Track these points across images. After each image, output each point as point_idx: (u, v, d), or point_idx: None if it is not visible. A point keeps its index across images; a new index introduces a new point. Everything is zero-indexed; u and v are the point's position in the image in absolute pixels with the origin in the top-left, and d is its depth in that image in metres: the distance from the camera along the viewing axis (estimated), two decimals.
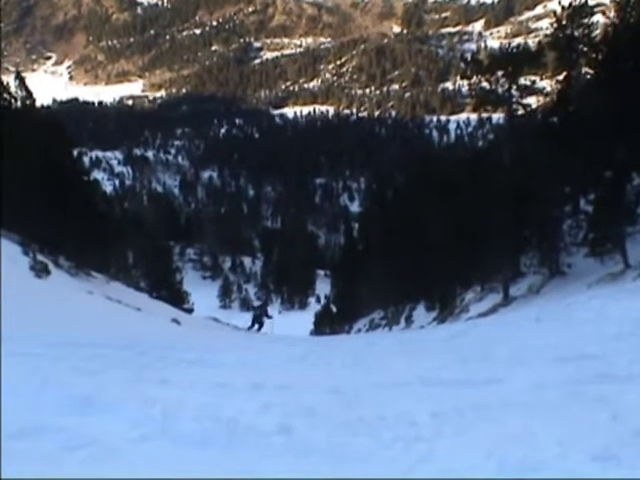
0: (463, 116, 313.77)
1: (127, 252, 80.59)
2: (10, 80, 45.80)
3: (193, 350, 16.34)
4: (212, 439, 6.34)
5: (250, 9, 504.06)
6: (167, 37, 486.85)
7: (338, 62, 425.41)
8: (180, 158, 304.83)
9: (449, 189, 44.52)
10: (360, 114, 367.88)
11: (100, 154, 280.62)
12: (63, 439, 5.96)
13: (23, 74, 50.03)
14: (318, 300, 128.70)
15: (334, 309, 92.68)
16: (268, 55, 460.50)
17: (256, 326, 38.11)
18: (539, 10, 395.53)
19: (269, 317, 37.89)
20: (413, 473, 5.42)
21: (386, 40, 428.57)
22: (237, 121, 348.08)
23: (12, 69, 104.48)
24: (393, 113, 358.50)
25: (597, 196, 31.70)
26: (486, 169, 40.72)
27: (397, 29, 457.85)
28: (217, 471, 5.39)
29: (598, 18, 36.68)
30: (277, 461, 5.75)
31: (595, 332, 14.35)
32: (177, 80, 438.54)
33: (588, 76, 35.66)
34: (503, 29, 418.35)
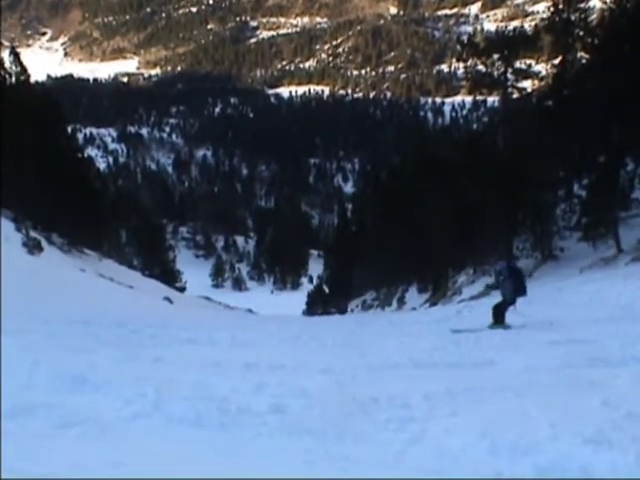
0: (458, 98, 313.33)
1: (120, 230, 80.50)
2: (5, 55, 45.56)
3: (186, 329, 16.35)
4: (205, 418, 6.34)
5: None
6: (163, 15, 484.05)
7: (334, 42, 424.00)
8: (174, 136, 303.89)
9: (443, 171, 44.54)
10: (355, 95, 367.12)
11: (94, 131, 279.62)
12: (56, 417, 5.95)
13: (18, 50, 49.81)
14: (311, 280, 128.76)
15: (327, 289, 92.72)
16: (264, 34, 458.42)
17: None
18: None
19: None
20: (406, 453, 5.43)
21: (382, 21, 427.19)
22: (232, 100, 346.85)
23: (7, 44, 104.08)
24: (388, 94, 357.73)
25: (591, 181, 31.74)
26: (481, 152, 40.70)
27: (393, 10, 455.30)
28: (210, 450, 5.40)
29: (595, 2, 36.50)
30: (270, 441, 5.75)
31: (587, 316, 14.42)
32: (172, 58, 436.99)
33: (584, 60, 35.57)
34: (500, 12, 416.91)
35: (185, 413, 6.43)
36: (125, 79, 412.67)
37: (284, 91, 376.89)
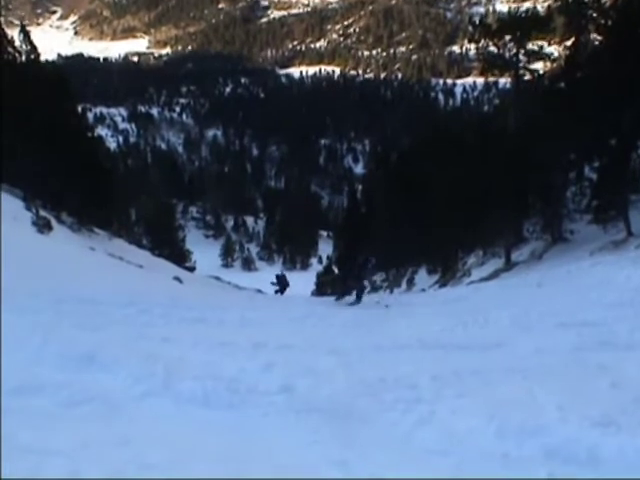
0: (469, 80, 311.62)
1: (130, 209, 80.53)
2: (15, 34, 45.50)
3: (195, 308, 16.34)
4: (214, 398, 6.36)
5: None
6: None
7: (345, 22, 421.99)
8: (185, 116, 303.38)
9: (454, 153, 44.39)
10: (366, 75, 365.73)
11: (104, 110, 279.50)
12: (64, 395, 5.97)
13: (28, 28, 49.71)
14: (320, 261, 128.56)
15: (336, 270, 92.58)
16: (275, 14, 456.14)
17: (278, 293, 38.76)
18: None
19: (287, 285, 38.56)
20: (413, 434, 5.44)
21: (394, 1, 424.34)
22: (242, 80, 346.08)
23: (17, 23, 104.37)
24: (399, 75, 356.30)
25: (602, 164, 31.56)
26: (491, 134, 40.53)
27: None
28: (218, 430, 5.41)
29: None
30: (278, 420, 5.76)
31: (597, 299, 14.36)
32: (183, 37, 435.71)
33: (596, 42, 35.32)
34: None
35: (194, 392, 6.45)
36: (135, 58, 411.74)
37: (295, 71, 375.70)
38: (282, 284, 35.96)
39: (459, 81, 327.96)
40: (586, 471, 4.69)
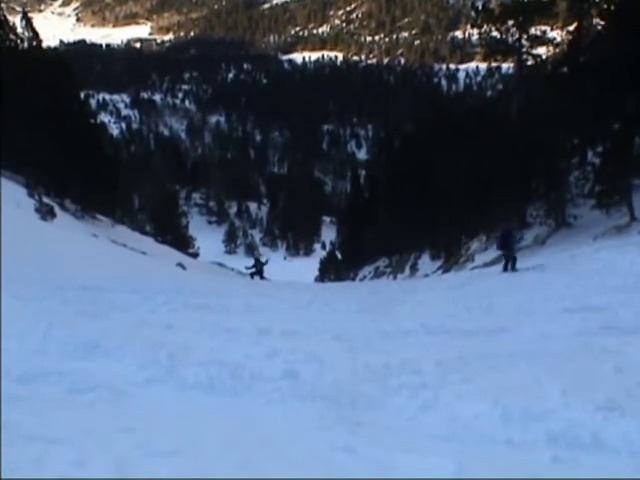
0: (472, 65, 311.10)
1: (133, 196, 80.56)
2: (17, 21, 45.48)
3: (199, 295, 16.37)
4: (218, 384, 6.36)
5: None
6: None
7: (348, 8, 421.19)
8: (187, 102, 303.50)
9: (457, 138, 44.29)
10: (369, 61, 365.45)
11: (107, 97, 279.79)
12: (69, 382, 5.97)
13: (30, 15, 49.64)
14: (323, 247, 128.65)
15: (339, 256, 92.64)
16: (277, 0, 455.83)
17: (256, 277, 38.53)
18: None
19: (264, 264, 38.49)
20: (418, 419, 5.44)
21: None
22: (245, 66, 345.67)
23: (19, 9, 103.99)
24: (402, 61, 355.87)
25: (605, 148, 31.48)
26: (495, 119, 40.47)
27: None
28: (223, 416, 5.41)
29: None
30: (283, 407, 5.76)
31: (600, 284, 14.34)
32: (185, 23, 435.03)
33: (599, 27, 35.21)
34: None
35: (198, 379, 6.45)
36: (138, 45, 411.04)
37: (297, 57, 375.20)
38: (257, 267, 36.18)
39: (462, 66, 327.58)
40: (590, 455, 4.69)
